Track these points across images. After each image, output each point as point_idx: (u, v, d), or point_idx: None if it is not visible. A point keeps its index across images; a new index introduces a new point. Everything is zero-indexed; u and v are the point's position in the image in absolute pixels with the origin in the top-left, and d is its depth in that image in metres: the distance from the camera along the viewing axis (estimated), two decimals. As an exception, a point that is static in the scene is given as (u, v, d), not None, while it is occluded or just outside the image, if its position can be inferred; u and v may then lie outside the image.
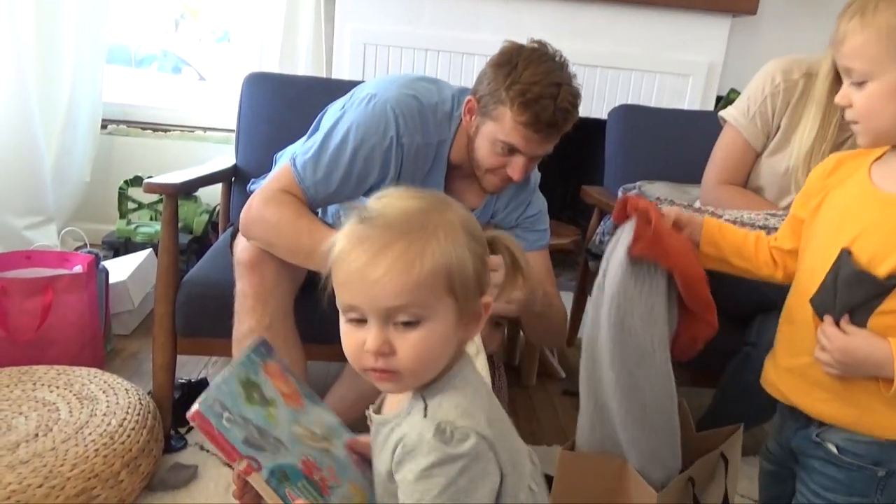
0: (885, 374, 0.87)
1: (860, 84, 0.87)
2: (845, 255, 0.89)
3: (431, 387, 0.73)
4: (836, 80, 1.44)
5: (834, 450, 0.94)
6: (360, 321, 0.70)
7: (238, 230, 1.39)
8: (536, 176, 1.58)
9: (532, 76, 1.27)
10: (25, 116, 2.33)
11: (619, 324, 1.03)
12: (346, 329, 0.72)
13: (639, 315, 1.03)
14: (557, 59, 1.32)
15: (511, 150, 1.33)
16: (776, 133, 1.55)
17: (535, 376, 2.05)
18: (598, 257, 1.91)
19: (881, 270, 0.86)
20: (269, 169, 1.74)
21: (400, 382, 0.71)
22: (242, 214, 1.32)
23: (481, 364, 1.01)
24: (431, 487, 0.67)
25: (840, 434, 0.93)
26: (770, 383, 1.03)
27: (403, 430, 0.71)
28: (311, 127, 1.58)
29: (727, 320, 1.41)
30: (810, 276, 0.95)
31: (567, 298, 2.06)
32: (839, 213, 0.94)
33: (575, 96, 1.31)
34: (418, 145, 1.38)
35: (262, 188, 1.33)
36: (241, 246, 1.33)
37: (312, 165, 1.32)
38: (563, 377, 2.10)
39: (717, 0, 2.48)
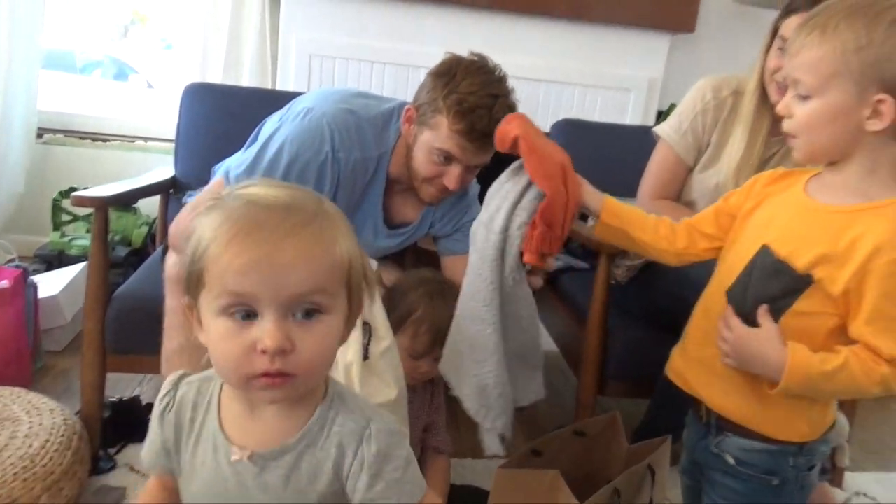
0: (769, 374, 0.89)
1: (804, 98, 0.88)
2: (765, 249, 0.92)
3: (328, 400, 0.71)
4: (763, 99, 1.51)
5: (731, 461, 0.97)
6: (248, 317, 0.63)
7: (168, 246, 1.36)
8: (475, 187, 1.59)
9: (469, 86, 1.29)
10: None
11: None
12: (225, 330, 0.63)
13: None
14: (496, 72, 1.35)
15: (447, 159, 1.35)
16: (707, 149, 1.59)
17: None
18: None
19: (798, 265, 0.88)
20: (208, 180, 1.71)
21: (292, 388, 0.65)
22: (171, 228, 1.30)
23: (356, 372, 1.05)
24: (415, 468, 0.72)
25: (736, 444, 0.97)
26: (676, 372, 1.05)
27: (339, 446, 0.69)
28: (249, 139, 1.56)
29: (659, 331, 1.45)
30: (730, 270, 0.97)
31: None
32: (768, 217, 0.97)
33: (511, 108, 1.33)
34: (356, 160, 1.38)
35: (192, 202, 1.31)
36: (171, 261, 1.31)
37: (246, 178, 1.31)
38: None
39: (657, 18, 2.54)
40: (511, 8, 2.47)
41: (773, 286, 0.90)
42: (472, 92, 1.28)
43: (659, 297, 1.49)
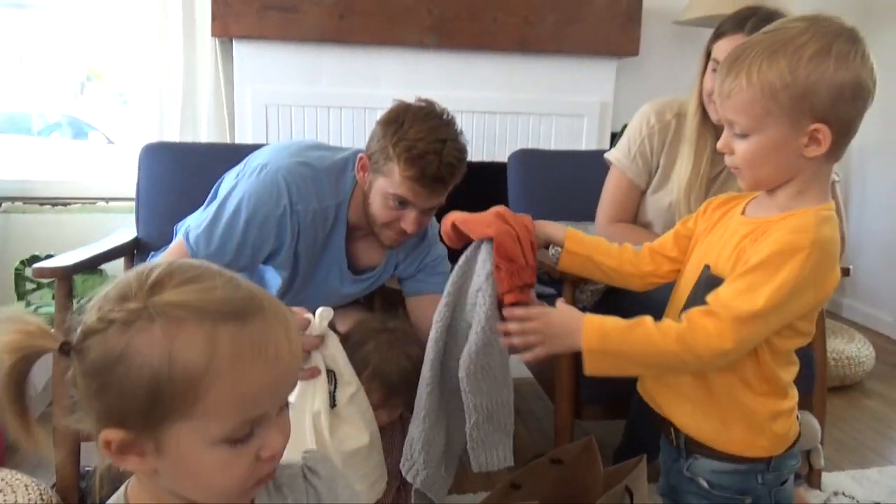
0: (574, 344, 0.95)
1: (742, 136, 0.92)
2: (705, 267, 0.98)
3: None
4: (704, 119, 1.57)
5: (705, 484, 0.99)
6: (250, 433, 0.59)
7: None
8: (434, 226, 1.62)
9: (417, 133, 1.32)
10: None
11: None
12: (227, 457, 0.58)
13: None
14: (444, 116, 1.38)
15: (403, 204, 1.38)
16: (657, 171, 1.65)
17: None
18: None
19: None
20: (171, 240, 1.72)
21: None
22: None
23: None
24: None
25: (706, 466, 0.99)
26: (646, 391, 1.08)
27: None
28: (209, 196, 1.58)
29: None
30: (681, 292, 1.02)
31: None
32: (712, 240, 1.02)
33: (461, 151, 1.37)
34: (314, 210, 1.41)
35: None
36: None
37: (206, 238, 1.32)
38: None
39: (602, 44, 2.62)
40: (459, 45, 2.53)
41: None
42: (421, 138, 1.31)
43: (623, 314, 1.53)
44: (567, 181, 2.16)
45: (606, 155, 1.73)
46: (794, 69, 0.85)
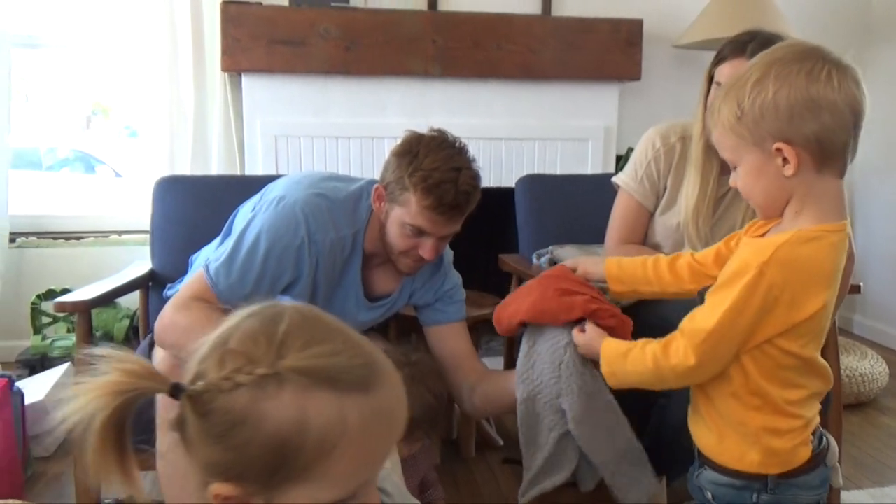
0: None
1: (734, 169, 0.99)
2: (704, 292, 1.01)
3: None
4: (709, 142, 1.58)
5: (709, 496, 1.02)
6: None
7: (154, 342, 1.38)
8: (449, 254, 1.65)
9: (432, 163, 1.34)
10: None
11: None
12: None
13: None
14: (457, 145, 1.41)
15: (420, 233, 1.40)
16: (664, 193, 1.67)
17: (473, 448, 2.07)
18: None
19: None
20: (185, 271, 1.74)
21: None
22: (156, 324, 1.32)
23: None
24: None
25: (709, 477, 1.02)
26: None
27: None
28: (224, 229, 1.60)
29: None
30: None
31: (497, 363, 2.12)
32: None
33: (475, 178, 1.39)
34: (332, 240, 1.43)
35: (174, 297, 1.34)
36: (159, 358, 1.33)
37: (225, 270, 1.34)
38: (502, 444, 2.12)
39: (604, 69, 2.66)
40: (463, 74, 2.58)
41: None
42: (436, 168, 1.33)
43: (643, 335, 1.54)
44: (574, 205, 2.18)
45: (614, 178, 1.75)
46: (741, 101, 0.92)
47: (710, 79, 1.55)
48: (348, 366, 0.57)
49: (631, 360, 1.04)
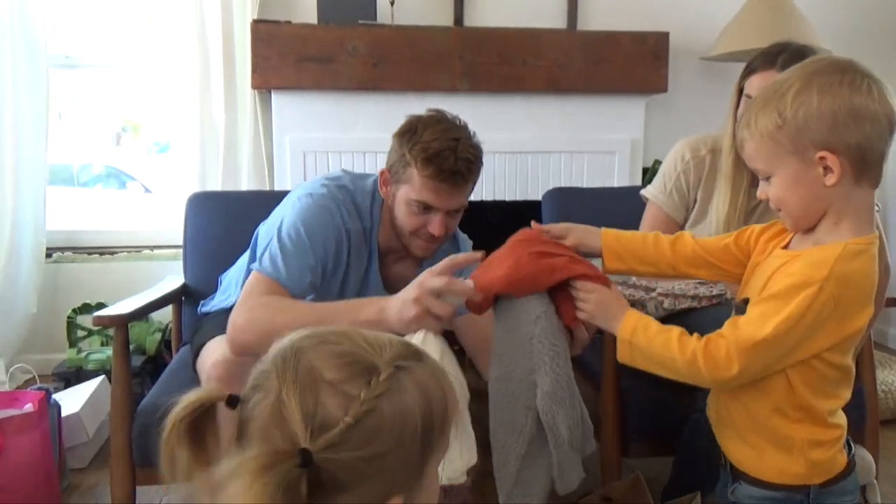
0: (613, 327, 1.05)
1: (767, 179, 0.98)
2: (741, 304, 1.01)
3: None
4: (738, 154, 1.58)
5: None
6: None
7: (199, 348, 1.39)
8: (467, 242, 1.64)
9: (431, 135, 1.35)
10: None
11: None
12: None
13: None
14: (456, 121, 1.42)
15: (426, 208, 1.39)
16: (694, 205, 1.66)
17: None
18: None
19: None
20: (217, 286, 1.77)
21: None
22: (229, 334, 1.28)
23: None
24: None
25: (746, 492, 1.02)
26: (710, 416, 1.12)
27: None
28: (250, 246, 1.62)
29: (675, 387, 1.48)
30: None
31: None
32: (756, 273, 1.05)
33: (475, 148, 1.39)
34: (357, 231, 1.45)
35: (238, 305, 1.30)
36: (211, 362, 1.32)
37: (283, 264, 1.33)
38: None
39: (630, 83, 2.67)
40: (490, 89, 2.60)
41: None
42: (435, 139, 1.33)
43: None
44: (602, 218, 2.13)
45: (642, 191, 1.75)
46: (783, 110, 0.92)
47: (740, 91, 1.55)
48: (403, 342, 0.64)
49: (659, 340, 0.99)
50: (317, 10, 2.54)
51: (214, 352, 1.35)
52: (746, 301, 1.00)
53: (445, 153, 1.33)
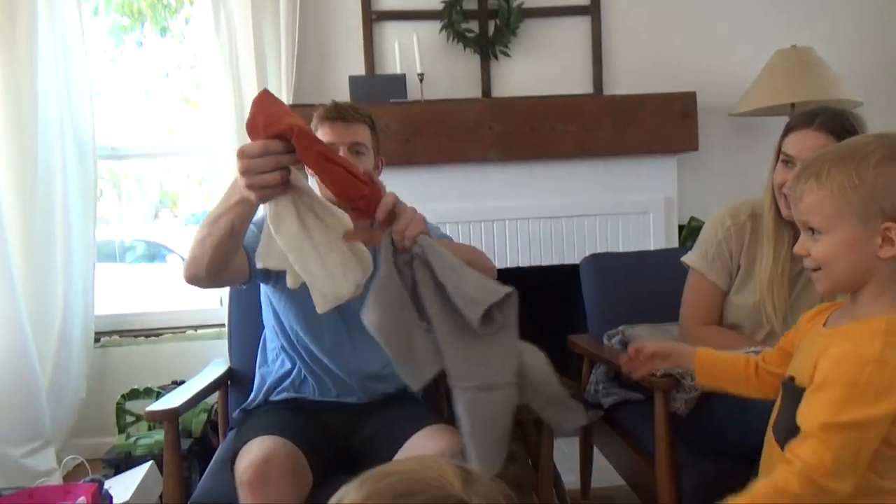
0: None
1: (817, 235, 0.97)
2: (786, 379, 1.00)
3: None
4: (779, 215, 1.58)
5: None
6: None
7: (239, 446, 1.41)
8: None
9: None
10: (20, 341, 2.40)
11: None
12: None
13: None
14: None
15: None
16: (738, 272, 1.65)
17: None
18: (595, 406, 1.95)
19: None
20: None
21: None
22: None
23: None
24: None
25: None
26: None
27: None
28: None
29: (731, 461, 1.44)
30: (775, 406, 1.06)
31: (573, 444, 2.07)
32: (797, 353, 1.05)
33: (358, 105, 1.63)
34: None
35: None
36: (244, 465, 1.34)
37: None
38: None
39: (661, 142, 2.68)
40: (521, 157, 2.64)
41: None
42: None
43: (725, 427, 1.49)
44: (641, 282, 2.16)
45: (683, 259, 1.74)
46: (862, 172, 0.91)
47: (779, 151, 1.55)
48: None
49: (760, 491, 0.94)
50: (349, 93, 2.62)
51: (248, 454, 1.36)
52: (793, 379, 0.98)
53: (330, 103, 1.60)
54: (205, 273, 1.29)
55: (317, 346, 1.60)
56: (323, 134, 1.56)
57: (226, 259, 1.29)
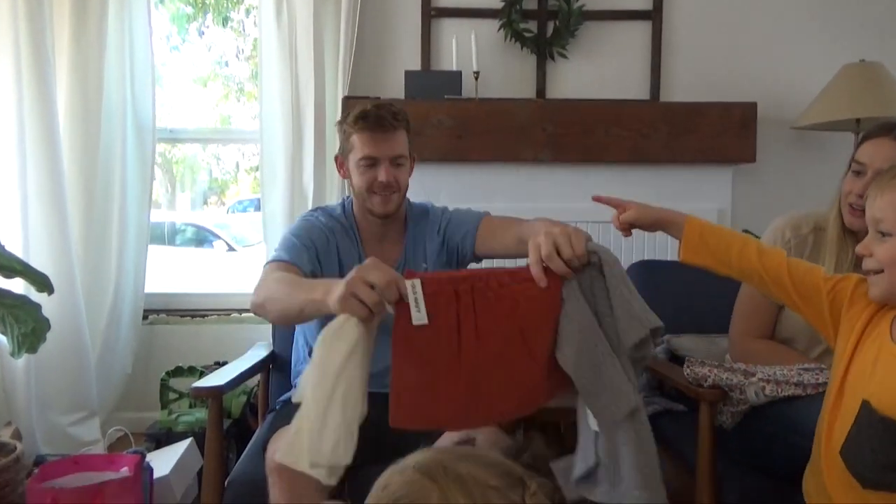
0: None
1: (886, 235, 0.94)
2: (865, 405, 0.94)
3: None
4: (844, 230, 1.53)
5: None
6: None
7: (273, 433, 1.42)
8: (435, 209, 1.74)
9: (360, 106, 1.58)
10: (74, 315, 2.48)
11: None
12: None
13: None
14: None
15: (371, 163, 1.56)
16: (794, 286, 1.60)
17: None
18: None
19: None
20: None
21: None
22: (252, 305, 1.43)
23: None
24: None
25: None
26: None
27: None
28: None
29: (775, 479, 1.40)
30: (834, 422, 1.01)
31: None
32: (865, 367, 0.99)
33: (392, 104, 1.59)
34: (338, 228, 1.64)
35: (256, 286, 1.45)
36: (273, 450, 1.35)
37: (283, 249, 1.53)
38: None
39: (716, 152, 2.63)
40: (573, 159, 2.62)
41: (888, 442, 0.90)
42: (361, 107, 1.57)
43: (773, 446, 1.44)
44: (689, 291, 2.11)
45: (737, 269, 1.69)
46: None
47: (852, 161, 1.51)
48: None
49: None
50: (404, 88, 2.64)
51: (279, 440, 1.37)
52: (867, 404, 0.94)
53: (368, 109, 1.55)
54: (268, 319, 1.44)
55: None
56: (361, 144, 1.56)
57: (285, 323, 1.57)
